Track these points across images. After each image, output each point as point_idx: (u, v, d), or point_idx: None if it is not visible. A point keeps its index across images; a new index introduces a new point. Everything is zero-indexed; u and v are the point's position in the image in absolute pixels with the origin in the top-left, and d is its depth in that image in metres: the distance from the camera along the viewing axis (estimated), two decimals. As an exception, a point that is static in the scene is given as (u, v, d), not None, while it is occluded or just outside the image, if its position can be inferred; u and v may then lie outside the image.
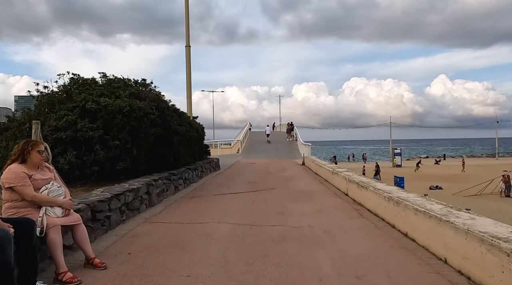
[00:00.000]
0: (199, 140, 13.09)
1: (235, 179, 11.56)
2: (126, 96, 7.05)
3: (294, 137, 32.22)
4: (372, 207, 6.19)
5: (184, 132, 9.98)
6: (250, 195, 8.19)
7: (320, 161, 14.55)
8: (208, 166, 13.48)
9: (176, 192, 8.48)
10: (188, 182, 9.95)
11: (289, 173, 13.94)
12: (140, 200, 6.19)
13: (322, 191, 8.88)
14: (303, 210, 6.44)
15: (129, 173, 7.33)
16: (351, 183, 7.77)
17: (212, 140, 36.06)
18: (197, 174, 11.23)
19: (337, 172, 9.57)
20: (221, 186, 9.78)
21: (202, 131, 13.84)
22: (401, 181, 18.91)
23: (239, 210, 6.44)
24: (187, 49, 15.05)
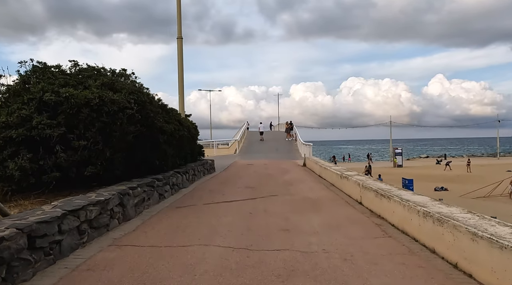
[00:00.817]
0: (191, 140, 11.88)
1: (231, 184, 10.34)
2: (96, 86, 5.82)
3: (293, 136, 31.04)
4: (398, 223, 5.00)
5: (172, 130, 8.76)
6: (248, 204, 6.98)
7: (324, 162, 13.36)
8: (202, 169, 12.26)
9: (160, 200, 7.25)
10: (177, 187, 8.72)
11: (291, 175, 12.73)
12: (110, 214, 4.97)
13: (330, 199, 7.67)
14: (312, 225, 5.24)
15: (103, 179, 6.12)
16: (366, 190, 6.57)
17: (209, 140, 34.91)
18: (188, 178, 10.01)
19: (346, 176, 8.37)
20: (214, 193, 8.56)
21: (195, 130, 12.63)
22: (410, 183, 17.73)
23: (233, 225, 5.23)
24: (179, 41, 13.85)
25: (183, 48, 13.26)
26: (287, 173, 13.77)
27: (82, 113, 5.29)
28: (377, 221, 5.44)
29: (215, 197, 7.80)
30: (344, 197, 7.83)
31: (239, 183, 10.38)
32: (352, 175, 8.32)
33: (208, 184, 10.41)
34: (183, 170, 9.59)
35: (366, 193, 6.56)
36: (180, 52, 13.67)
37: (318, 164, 13.17)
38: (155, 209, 6.51)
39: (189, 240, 4.43)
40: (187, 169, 9.97)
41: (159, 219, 5.64)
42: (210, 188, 9.34)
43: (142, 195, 6.27)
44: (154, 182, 6.98)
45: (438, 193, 27.32)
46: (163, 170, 8.28)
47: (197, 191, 8.85)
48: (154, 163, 7.61)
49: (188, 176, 10.02)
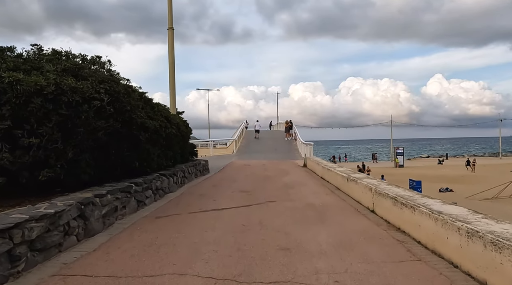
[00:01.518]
0: (181, 139, 10.85)
1: (224, 187, 9.31)
2: (55, 72, 4.78)
3: (293, 136, 30.02)
4: (427, 240, 3.97)
5: (157, 128, 7.73)
6: (241, 213, 5.95)
7: (326, 163, 12.33)
8: (193, 170, 11.23)
9: (139, 208, 6.22)
10: (162, 192, 7.69)
11: (291, 177, 11.71)
12: (64, 230, 3.93)
13: (337, 206, 6.64)
14: (318, 241, 4.21)
15: (67, 185, 5.09)
16: (381, 197, 5.55)
17: (206, 139, 33.85)
18: (177, 181, 8.97)
19: (355, 179, 7.34)
20: (204, 198, 7.52)
21: (186, 128, 11.59)
22: (418, 185, 16.69)
23: (221, 242, 4.20)
24: (170, 32, 12.83)
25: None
26: (287, 174, 12.75)
27: (33, 103, 4.25)
28: (399, 237, 4.41)
29: (204, 204, 6.77)
30: (353, 203, 6.81)
31: (233, 187, 9.35)
32: (361, 178, 7.30)
33: (199, 187, 9.37)
34: (170, 172, 8.55)
35: (381, 201, 5.54)
36: (171, 43, 12.65)
37: (320, 165, 12.15)
38: (130, 219, 5.47)
39: (160, 267, 3.40)
40: (175, 171, 8.93)
41: (130, 234, 4.60)
42: (201, 193, 8.30)
43: (113, 204, 5.23)
44: (131, 187, 5.95)
45: (443, 194, 26.35)
46: (145, 172, 7.25)
47: (185, 196, 7.81)
48: (133, 164, 6.58)
49: (177, 179, 8.98)
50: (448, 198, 21.93)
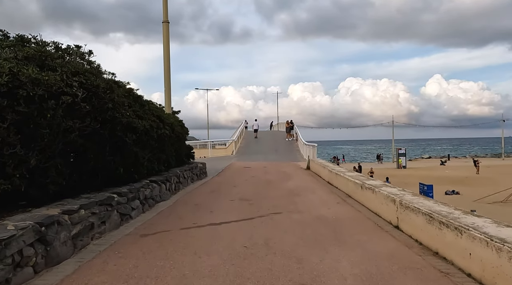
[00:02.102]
0: (176, 140, 9.96)
1: (222, 194, 8.41)
2: (14, 60, 3.88)
3: (294, 136, 29.14)
4: (483, 274, 3.08)
5: (147, 128, 6.85)
6: (242, 229, 5.05)
7: (333, 166, 11.44)
8: (189, 174, 10.33)
9: (123, 222, 5.32)
10: (152, 202, 6.79)
11: (294, 182, 10.83)
12: (14, 263, 3.04)
13: (353, 219, 5.75)
14: (340, 273, 3.32)
15: (33, 197, 4.20)
16: (409, 212, 4.66)
17: (204, 140, 32.93)
18: (170, 187, 8.07)
19: (370, 187, 6.45)
20: (199, 209, 6.63)
21: (182, 128, 10.70)
22: (429, 189, 15.75)
23: (218, 277, 3.30)
24: (165, 25, 11.93)
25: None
26: (290, 178, 11.86)
27: (-22, 98, 3.35)
28: (441, 266, 3.52)
29: (199, 217, 5.86)
30: (370, 215, 5.92)
31: (233, 193, 8.45)
32: (378, 186, 6.41)
33: (195, 194, 8.47)
34: (163, 178, 7.65)
35: (409, 216, 4.64)
36: (166, 37, 11.74)
37: (326, 168, 11.26)
38: (109, 238, 4.57)
39: (134, 318, 2.50)
40: (168, 177, 8.03)
41: (104, 261, 3.70)
42: (196, 201, 7.40)
43: (89, 220, 4.33)
44: (113, 198, 5.04)
45: (450, 197, 25.46)
46: (133, 179, 6.35)
47: (179, 206, 6.91)
48: (118, 171, 5.67)
49: (170, 186, 8.08)
50: (455, 202, 21.09)
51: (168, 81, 12.06)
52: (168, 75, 12.03)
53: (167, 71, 12.00)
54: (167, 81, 12.03)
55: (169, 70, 12.05)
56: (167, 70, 12.00)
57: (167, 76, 12.03)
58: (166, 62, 11.94)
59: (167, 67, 11.99)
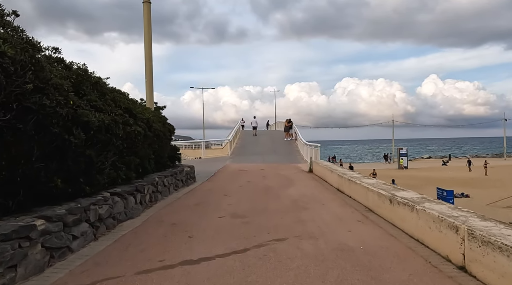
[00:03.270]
0: (156, 141, 8.25)
1: (210, 208, 6.69)
2: None
3: (293, 136, 27.45)
4: None
5: (107, 124, 5.14)
6: (231, 274, 3.34)
7: (343, 170, 9.73)
8: (172, 181, 8.60)
9: (54, 262, 3.59)
10: (113, 221, 5.06)
11: (298, 189, 9.14)
12: None
13: (389, 251, 4.04)
14: None
15: None
16: (488, 249, 2.97)
17: (199, 140, 31.16)
18: (142, 200, 6.34)
19: (406, 201, 4.76)
20: (175, 232, 4.90)
21: (163, 126, 8.97)
22: (449, 195, 14.03)
23: None
24: (146, 5, 10.18)
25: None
26: (292, 184, 10.18)
27: None
28: None
29: (171, 247, 4.14)
30: (411, 243, 4.22)
31: (223, 206, 6.74)
32: (419, 202, 4.70)
33: (176, 208, 6.74)
34: (132, 188, 5.92)
35: (492, 257, 2.95)
36: (147, 19, 9.98)
37: (335, 172, 9.56)
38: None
39: None
40: (140, 186, 6.30)
41: None
42: (174, 219, 5.67)
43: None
44: (33, 228, 3.31)
45: (459, 201, 23.86)
46: (81, 193, 4.61)
47: (149, 228, 5.18)
48: (52, 182, 3.95)
49: (143, 197, 6.36)
50: (466, 205, 19.46)
51: (150, 70, 10.32)
52: (149, 64, 10.30)
53: (148, 59, 10.27)
54: (148, 70, 10.30)
55: (150, 57, 10.32)
56: (149, 57, 10.27)
57: (149, 64, 10.30)
58: (148, 47, 10.21)
59: (149, 54, 10.25)
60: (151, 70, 10.41)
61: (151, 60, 10.44)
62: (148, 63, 10.35)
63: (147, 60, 10.34)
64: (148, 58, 10.33)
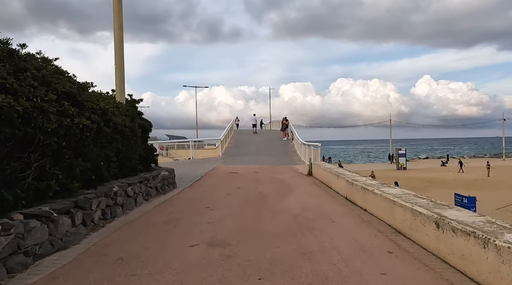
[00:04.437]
0: (122, 139, 6.54)
1: (181, 230, 4.96)
2: None
3: (289, 135, 25.81)
4: None
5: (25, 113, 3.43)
6: None
7: (353, 175, 8.03)
8: (142, 189, 6.86)
9: None
10: (24, 259, 3.34)
11: (298, 198, 7.47)
12: None
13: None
14: None
15: None
16: None
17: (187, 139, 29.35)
18: (89, 219, 4.59)
19: (464, 225, 3.11)
20: (115, 275, 3.19)
21: (132, 121, 7.21)
22: (471, 203, 12.39)
23: None
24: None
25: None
26: (290, 191, 8.50)
27: None
28: None
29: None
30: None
31: (200, 226, 5.02)
32: (498, 234, 3.06)
33: (134, 229, 4.99)
34: (68, 204, 4.18)
35: None
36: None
37: (342, 177, 7.88)
38: None
39: None
40: (83, 200, 4.56)
41: None
42: (123, 251, 3.93)
43: None
44: None
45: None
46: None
47: (76, 271, 3.45)
48: None
49: (88, 216, 4.61)
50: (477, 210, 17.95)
51: (121, 56, 8.58)
52: (120, 48, 8.55)
53: (118, 42, 8.53)
54: (118, 55, 8.55)
55: (121, 40, 8.59)
56: (119, 40, 8.52)
57: (119, 49, 8.56)
58: (117, 28, 8.46)
59: (119, 36, 8.49)
60: (122, 56, 8.66)
61: (122, 44, 8.69)
62: (118, 47, 8.60)
63: (117, 44, 8.59)
64: (118, 41, 8.58)
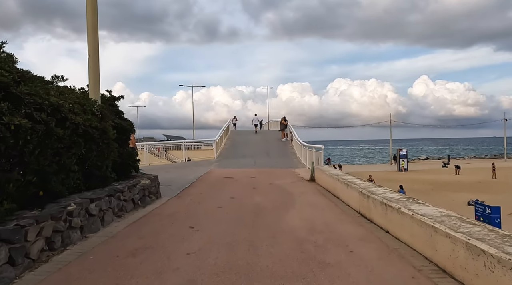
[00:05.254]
0: (86, 143, 5.28)
1: (148, 269, 3.71)
2: None
3: (288, 136, 24.59)
4: None
5: None
6: None
7: (368, 186, 6.80)
8: (112, 204, 5.60)
9: None
10: None
11: (302, 214, 6.23)
12: None
13: None
14: None
15: None
16: None
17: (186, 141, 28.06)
18: (19, 256, 3.35)
19: None
20: None
21: (101, 121, 5.95)
22: (495, 213, 11.11)
23: None
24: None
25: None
26: (292, 203, 7.27)
27: None
28: None
29: None
30: None
31: (176, 260, 3.77)
32: None
33: (88, 265, 3.72)
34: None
35: None
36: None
37: (353, 187, 6.64)
38: None
39: None
40: (13, 231, 3.31)
41: None
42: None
43: None
44: None
45: (473, 208, 21.19)
46: None
47: None
48: None
49: (23, 250, 3.37)
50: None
51: (95, 44, 7.32)
52: (94, 35, 7.30)
53: (92, 28, 7.28)
54: (92, 43, 7.29)
55: (95, 26, 7.34)
56: (93, 26, 7.27)
57: (93, 36, 7.31)
58: (91, 12, 7.20)
59: (92, 22, 7.24)
60: (97, 44, 7.39)
61: (96, 30, 7.43)
62: (92, 35, 7.33)
63: (90, 30, 7.32)
64: (92, 27, 7.31)
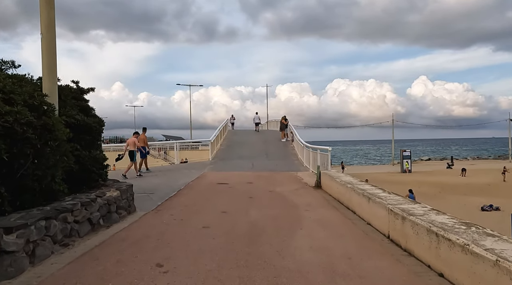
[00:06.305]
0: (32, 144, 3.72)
1: None
2: None
3: (288, 136, 23.08)
4: None
5: None
6: None
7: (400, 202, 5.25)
8: (53, 231, 4.04)
9: None
10: None
11: (313, 239, 4.69)
12: None
13: None
14: None
15: None
16: None
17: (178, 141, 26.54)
18: None
19: None
20: None
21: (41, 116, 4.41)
22: None
23: None
24: None
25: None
26: (299, 221, 5.72)
27: None
28: None
29: None
30: None
31: None
32: None
33: None
34: None
35: None
36: None
37: (378, 202, 5.11)
38: None
39: None
40: None
41: None
42: None
43: None
44: None
45: (491, 214, 19.64)
46: None
47: None
48: None
49: None
50: (502, 221, 15.20)
51: (50, 20, 5.78)
52: (48, 10, 5.78)
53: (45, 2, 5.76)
54: (45, 19, 5.76)
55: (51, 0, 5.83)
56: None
57: (46, 11, 5.77)
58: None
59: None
60: (53, 19, 5.85)
61: (53, 5, 5.90)
62: (45, 9, 5.79)
63: (43, 4, 5.78)
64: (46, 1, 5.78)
